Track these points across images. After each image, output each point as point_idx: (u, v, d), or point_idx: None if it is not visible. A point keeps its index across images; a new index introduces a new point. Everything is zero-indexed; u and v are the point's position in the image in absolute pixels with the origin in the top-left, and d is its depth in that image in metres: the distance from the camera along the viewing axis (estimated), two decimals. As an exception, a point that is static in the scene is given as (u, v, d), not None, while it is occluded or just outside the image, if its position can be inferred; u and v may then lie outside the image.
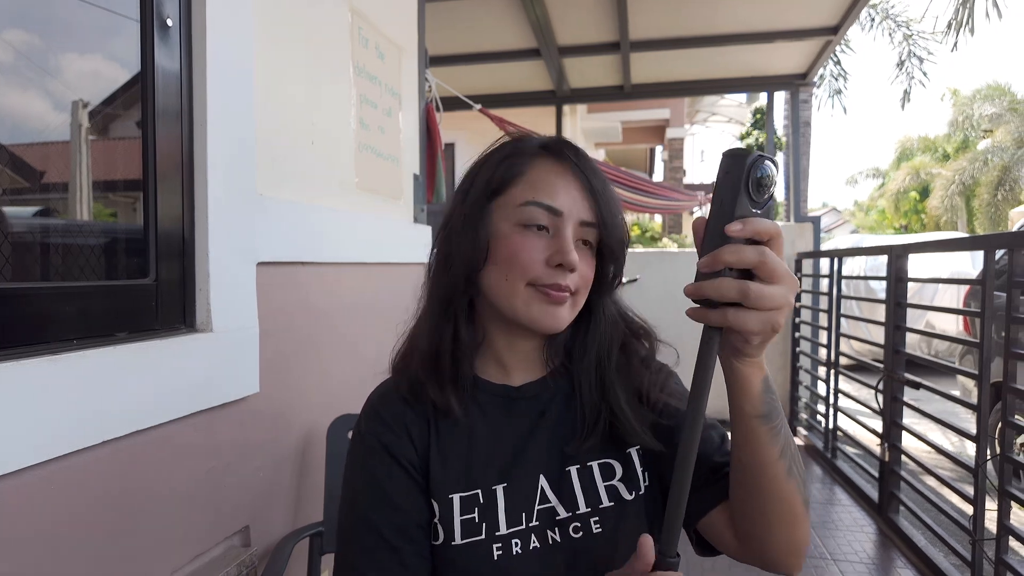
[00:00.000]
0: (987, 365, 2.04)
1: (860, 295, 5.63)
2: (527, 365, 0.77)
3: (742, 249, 0.50)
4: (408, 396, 0.74)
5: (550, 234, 0.69)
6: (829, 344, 3.55)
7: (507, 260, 0.69)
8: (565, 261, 0.67)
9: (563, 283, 0.68)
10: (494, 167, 0.72)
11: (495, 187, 0.71)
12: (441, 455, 0.72)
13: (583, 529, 0.70)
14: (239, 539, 1.20)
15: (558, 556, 0.69)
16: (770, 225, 0.51)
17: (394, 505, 0.69)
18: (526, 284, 0.68)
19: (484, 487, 0.70)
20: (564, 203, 0.69)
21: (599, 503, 0.71)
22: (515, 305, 0.69)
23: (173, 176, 1.06)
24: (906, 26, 10.37)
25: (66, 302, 0.86)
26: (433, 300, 0.75)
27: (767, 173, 0.50)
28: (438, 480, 0.70)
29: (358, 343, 1.66)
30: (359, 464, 0.73)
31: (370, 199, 1.77)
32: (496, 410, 0.75)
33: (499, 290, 0.70)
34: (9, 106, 0.85)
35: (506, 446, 0.73)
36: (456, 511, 0.69)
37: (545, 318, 0.69)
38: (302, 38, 1.44)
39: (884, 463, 2.71)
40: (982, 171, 16.35)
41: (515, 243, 0.68)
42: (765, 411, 0.59)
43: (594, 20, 3.62)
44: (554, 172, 0.71)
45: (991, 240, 1.99)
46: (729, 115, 14.59)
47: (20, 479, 0.75)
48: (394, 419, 0.73)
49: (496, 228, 0.70)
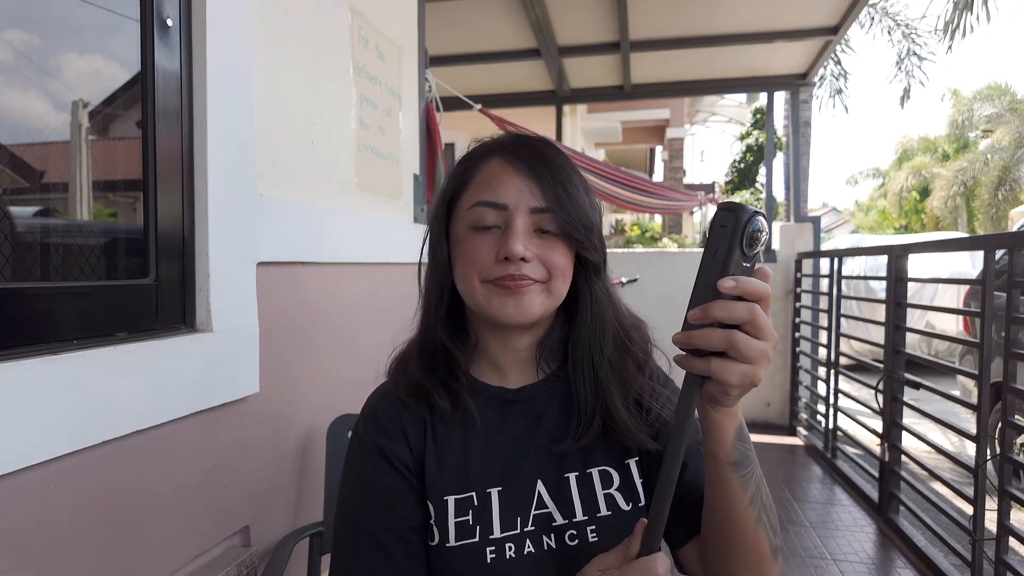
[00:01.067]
0: (987, 365, 2.04)
1: (860, 295, 5.63)
2: (522, 367, 0.77)
3: (733, 306, 0.51)
4: (406, 398, 0.74)
5: (502, 231, 0.70)
6: (829, 344, 3.55)
7: (463, 262, 0.71)
8: (508, 253, 0.67)
9: (513, 273, 0.68)
10: (453, 176, 0.75)
11: (450, 196, 0.74)
12: (437, 457, 0.72)
13: (579, 537, 0.70)
14: (239, 539, 1.20)
15: (551, 563, 0.69)
16: (760, 286, 0.52)
17: (387, 507, 0.70)
18: (480, 282, 0.70)
19: (479, 490, 0.70)
20: (510, 196, 0.69)
21: (596, 512, 0.71)
22: (479, 303, 0.71)
23: (173, 176, 1.06)
24: (905, 24, 10.38)
25: (66, 302, 0.86)
26: (424, 305, 0.78)
27: (759, 228, 0.51)
28: (433, 482, 0.70)
29: (358, 343, 1.66)
30: (355, 467, 0.74)
31: (370, 199, 1.77)
32: (493, 412, 0.75)
33: (464, 292, 0.72)
34: (9, 106, 0.85)
35: (503, 449, 0.73)
36: (451, 513, 0.69)
37: (507, 308, 0.69)
38: (302, 38, 1.44)
39: (884, 463, 2.71)
40: (982, 171, 16.35)
41: (467, 245, 0.70)
42: (736, 459, 0.60)
43: (594, 20, 3.62)
44: (501, 168, 0.71)
45: (991, 240, 1.99)
46: (729, 115, 14.60)
47: (21, 479, 0.75)
48: (390, 422, 0.73)
49: (454, 234, 0.73)
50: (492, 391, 0.76)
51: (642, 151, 13.62)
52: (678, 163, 13.04)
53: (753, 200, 11.32)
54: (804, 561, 2.41)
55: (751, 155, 12.36)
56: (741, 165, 12.57)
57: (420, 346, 0.76)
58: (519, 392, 0.76)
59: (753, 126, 12.29)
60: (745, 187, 12.33)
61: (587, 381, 0.74)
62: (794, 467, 3.58)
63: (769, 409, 4.46)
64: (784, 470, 3.50)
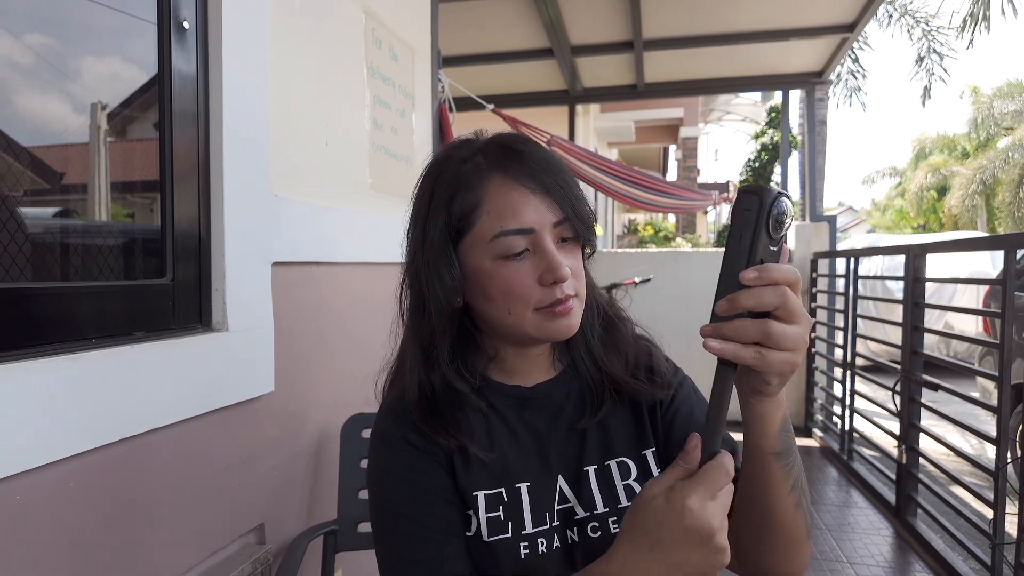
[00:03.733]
0: (1007, 366, 2.00)
1: (877, 295, 5.56)
2: (538, 367, 0.78)
3: (761, 292, 0.49)
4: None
5: (532, 252, 0.68)
6: (845, 345, 3.51)
7: (503, 295, 0.68)
8: (557, 277, 0.66)
9: (562, 296, 0.67)
10: (447, 205, 0.69)
11: (457, 228, 0.69)
12: (462, 457, 0.71)
13: (601, 528, 0.70)
14: (254, 537, 1.21)
15: (578, 556, 0.69)
16: (788, 271, 0.50)
17: (416, 487, 0.69)
18: (532, 311, 0.68)
19: (507, 485, 0.71)
20: (532, 219, 0.67)
21: (617, 503, 0.71)
22: (526, 331, 0.69)
23: (189, 177, 1.07)
24: (924, 22, 10.23)
25: (85, 302, 0.87)
26: (415, 345, 0.73)
27: (783, 210, 0.49)
28: (463, 479, 0.70)
29: (372, 343, 1.66)
30: (380, 461, 0.73)
31: (384, 200, 1.78)
32: (511, 411, 0.75)
33: (505, 322, 0.69)
34: (30, 109, 0.87)
35: (525, 447, 0.73)
36: (482, 508, 0.69)
37: (560, 331, 0.69)
38: (316, 40, 1.45)
39: (901, 465, 2.68)
40: (1003, 169, 16.07)
41: (504, 277, 0.67)
42: (781, 449, 0.59)
43: (607, 19, 3.61)
44: (509, 189, 0.68)
45: (1012, 240, 1.96)
46: (744, 114, 14.47)
47: (40, 476, 0.76)
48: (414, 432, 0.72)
49: (476, 267, 0.69)
50: (508, 390, 0.76)
51: (655, 150, 13.55)
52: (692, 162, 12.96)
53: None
54: (820, 564, 2.39)
55: (766, 154, 12.24)
56: (756, 164, 12.45)
57: (415, 393, 0.72)
58: (534, 390, 0.76)
59: (768, 125, 12.16)
60: (760, 186, 12.21)
61: (586, 358, 0.77)
62: (810, 469, 3.54)
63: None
64: (799, 472, 3.47)
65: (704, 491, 0.51)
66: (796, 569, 0.64)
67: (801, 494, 0.62)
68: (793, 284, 0.50)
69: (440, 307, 0.70)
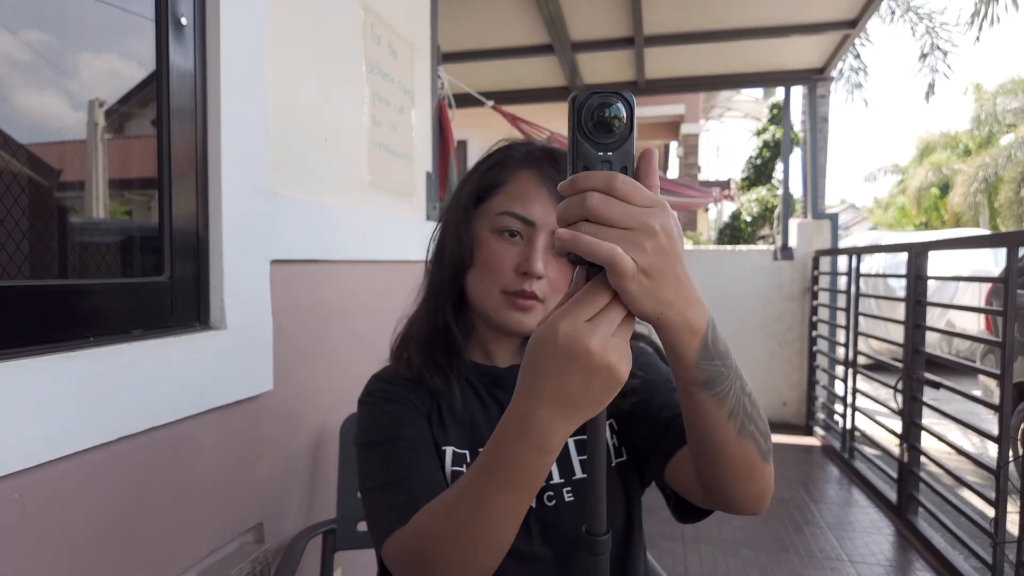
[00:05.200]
0: (1009, 365, 2.00)
1: (879, 293, 5.55)
2: (512, 351, 0.83)
3: (567, 204, 0.46)
4: (409, 380, 0.80)
5: (523, 241, 0.75)
6: (847, 343, 3.50)
7: (484, 265, 0.76)
8: (530, 269, 0.73)
9: (528, 290, 0.73)
10: (482, 174, 0.79)
11: (479, 195, 0.79)
12: (438, 415, 0.79)
13: (556, 498, 0.76)
14: (253, 536, 1.21)
15: (533, 522, 0.75)
16: (593, 178, 0.46)
17: (403, 420, 0.76)
18: (500, 291, 0.75)
19: (472, 449, 0.77)
20: (537, 214, 0.75)
21: (572, 475, 0.77)
22: (487, 308, 0.77)
23: (188, 174, 1.06)
24: (928, 18, 10.20)
25: (83, 299, 0.87)
26: (428, 292, 0.83)
27: (606, 113, 0.46)
28: (436, 432, 0.78)
29: (371, 341, 1.67)
30: (370, 413, 0.79)
31: (383, 197, 1.78)
32: (483, 388, 0.82)
33: (477, 292, 0.78)
34: (28, 105, 0.86)
35: (493, 419, 0.79)
36: (448, 462, 0.76)
37: (512, 323, 0.75)
38: (315, 36, 1.44)
39: (903, 464, 2.67)
40: (1005, 167, 16.02)
41: (490, 249, 0.76)
42: (704, 379, 0.54)
43: (608, 15, 3.60)
44: (532, 183, 0.76)
45: (1014, 237, 1.95)
46: (745, 110, 14.45)
47: (39, 474, 0.75)
48: (401, 385, 0.80)
49: (477, 234, 0.78)
50: (483, 369, 0.83)
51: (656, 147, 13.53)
52: (693, 159, 12.92)
53: (771, 196, 11.16)
54: (821, 563, 2.39)
55: (768, 151, 12.20)
56: (758, 161, 12.42)
57: (426, 323, 0.81)
58: (508, 371, 0.82)
59: (770, 121, 12.12)
60: (762, 183, 12.17)
61: None
62: (811, 468, 3.54)
63: (785, 409, 4.41)
64: (801, 471, 3.47)
65: (576, 312, 0.48)
66: (756, 492, 0.63)
67: (745, 420, 0.58)
68: (603, 188, 0.46)
69: (453, 259, 0.78)
